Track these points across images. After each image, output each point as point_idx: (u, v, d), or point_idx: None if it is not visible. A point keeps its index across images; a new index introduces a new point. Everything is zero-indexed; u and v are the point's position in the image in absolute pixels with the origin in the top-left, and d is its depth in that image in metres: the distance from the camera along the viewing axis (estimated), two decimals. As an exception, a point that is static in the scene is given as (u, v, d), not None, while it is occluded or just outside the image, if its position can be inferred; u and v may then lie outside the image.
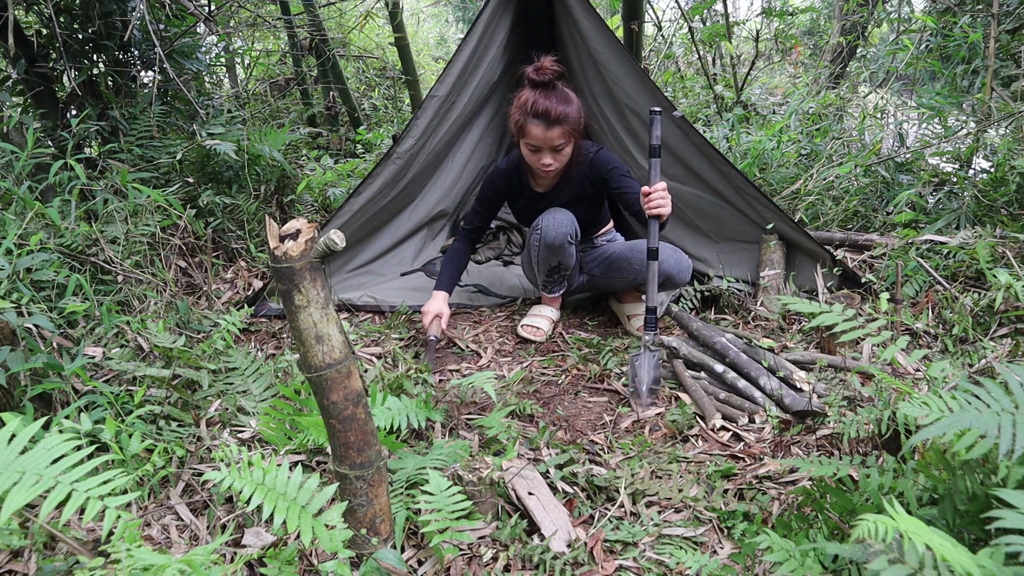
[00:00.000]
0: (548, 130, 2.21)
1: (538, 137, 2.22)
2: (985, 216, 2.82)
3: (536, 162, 2.31)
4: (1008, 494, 0.82)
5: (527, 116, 2.22)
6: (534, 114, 2.20)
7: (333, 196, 3.48)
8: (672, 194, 2.81)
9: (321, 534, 1.16)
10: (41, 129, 2.81)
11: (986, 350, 2.07)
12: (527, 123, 2.22)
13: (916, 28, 4.68)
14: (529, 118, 2.21)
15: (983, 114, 3.27)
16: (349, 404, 1.27)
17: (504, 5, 2.84)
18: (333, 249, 1.21)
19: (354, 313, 2.82)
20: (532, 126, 2.22)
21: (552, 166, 2.30)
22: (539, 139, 2.23)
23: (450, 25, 10.27)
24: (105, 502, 1.07)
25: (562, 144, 2.26)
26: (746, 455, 1.78)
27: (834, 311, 1.35)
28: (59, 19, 2.73)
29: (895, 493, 1.19)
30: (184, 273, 2.72)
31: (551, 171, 2.33)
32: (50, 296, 1.97)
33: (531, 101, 2.20)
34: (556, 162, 2.30)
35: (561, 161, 2.31)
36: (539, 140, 2.23)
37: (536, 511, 1.50)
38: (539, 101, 2.19)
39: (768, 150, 3.62)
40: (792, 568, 1.08)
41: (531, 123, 2.21)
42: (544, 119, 2.19)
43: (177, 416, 1.82)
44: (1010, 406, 0.99)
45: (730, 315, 2.63)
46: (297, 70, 5.33)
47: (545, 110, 2.18)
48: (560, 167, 2.34)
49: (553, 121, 2.19)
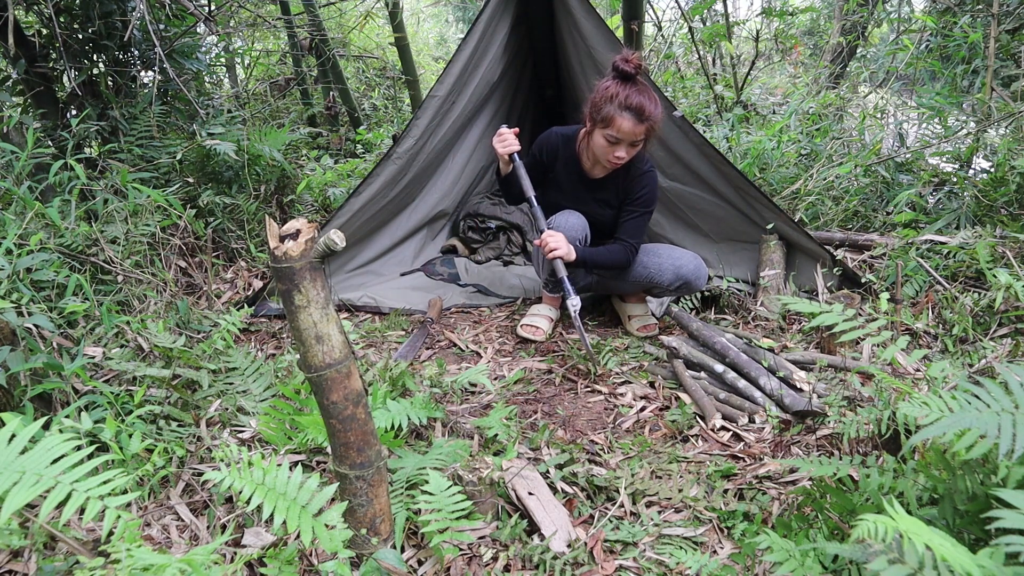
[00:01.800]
0: (638, 125, 2.18)
1: (626, 131, 2.19)
2: (985, 216, 2.82)
3: (610, 153, 2.27)
4: (1008, 494, 0.82)
5: (618, 108, 2.18)
6: (627, 107, 2.17)
7: (333, 196, 3.48)
8: (672, 194, 2.83)
9: (321, 534, 1.16)
10: (41, 129, 2.81)
11: (986, 350, 2.07)
12: (616, 115, 2.18)
13: (916, 28, 4.68)
14: (620, 111, 2.17)
15: (983, 114, 3.27)
16: (349, 404, 1.27)
17: (504, 5, 2.84)
18: (333, 249, 1.21)
19: (354, 313, 2.82)
20: (622, 119, 2.18)
21: (622, 159, 2.28)
22: (626, 132, 2.19)
23: (450, 25, 10.28)
24: (105, 502, 1.07)
25: (641, 141, 2.25)
26: (746, 455, 1.78)
27: (834, 311, 1.35)
28: (59, 19, 2.73)
29: (895, 493, 1.19)
30: (184, 273, 2.72)
31: (620, 164, 2.31)
32: (50, 296, 1.97)
33: (624, 94, 2.17)
34: (628, 156, 2.28)
35: (631, 156, 2.29)
36: (625, 134, 2.20)
37: (536, 511, 1.50)
38: (632, 95, 2.16)
39: (768, 150, 3.62)
40: (792, 568, 1.08)
41: (621, 116, 2.18)
42: (637, 114, 2.17)
43: (177, 416, 1.82)
44: (1010, 406, 0.98)
45: (730, 315, 2.63)
46: (297, 70, 5.33)
47: (639, 105, 2.16)
48: (626, 161, 2.32)
49: (645, 118, 2.18)
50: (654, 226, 2.95)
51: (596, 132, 2.27)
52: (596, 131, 2.26)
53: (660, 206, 2.91)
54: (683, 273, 2.40)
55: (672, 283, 2.45)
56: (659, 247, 2.53)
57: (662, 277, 2.45)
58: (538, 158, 2.49)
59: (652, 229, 2.97)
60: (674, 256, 2.45)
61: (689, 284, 2.44)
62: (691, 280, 2.42)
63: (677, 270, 2.42)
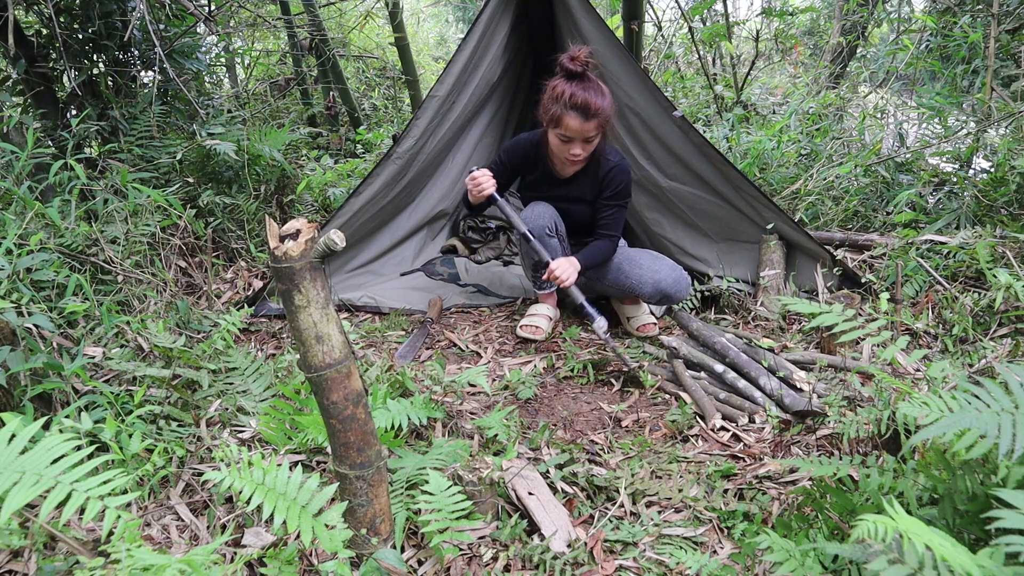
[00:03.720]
0: (585, 122, 2.20)
1: (574, 129, 2.21)
2: (985, 216, 2.82)
3: (565, 152, 2.29)
4: (1008, 494, 0.82)
5: (565, 108, 2.20)
6: (572, 106, 2.18)
7: (333, 196, 3.48)
8: (672, 194, 2.83)
9: (321, 534, 1.16)
10: (41, 129, 2.81)
11: (986, 350, 2.07)
12: (564, 114, 2.20)
13: (916, 28, 4.68)
14: (567, 110, 2.19)
15: (983, 114, 3.27)
16: (349, 404, 1.27)
17: (504, 5, 2.84)
18: (333, 249, 1.21)
19: (354, 313, 2.82)
20: (569, 118, 2.20)
21: (580, 156, 2.30)
22: (575, 130, 2.22)
23: (450, 25, 10.27)
24: (105, 502, 1.07)
25: (594, 136, 2.26)
26: (746, 455, 1.78)
27: (834, 311, 1.35)
28: (59, 19, 2.73)
29: (895, 493, 1.19)
30: (184, 273, 2.72)
31: (578, 161, 2.33)
32: (50, 296, 1.96)
33: (569, 93, 2.18)
34: (585, 152, 2.29)
35: (588, 151, 2.31)
36: (575, 131, 2.22)
37: (536, 511, 1.50)
38: (578, 93, 2.17)
39: (768, 150, 3.62)
40: (792, 568, 1.08)
41: (568, 115, 2.20)
42: (583, 112, 2.18)
43: (177, 416, 1.82)
44: (1010, 406, 0.98)
45: (730, 315, 2.63)
46: (297, 70, 5.33)
47: (584, 102, 2.17)
48: (586, 157, 2.34)
49: (592, 114, 2.19)
50: (654, 226, 2.95)
51: (550, 132, 2.30)
52: (550, 131, 2.29)
53: (660, 206, 2.91)
54: (662, 287, 2.41)
55: (652, 296, 2.46)
56: (642, 256, 2.52)
57: (643, 288, 2.46)
58: (507, 165, 2.51)
59: (652, 229, 2.97)
60: (654, 268, 2.45)
61: (669, 297, 2.44)
62: (670, 293, 2.43)
63: (656, 284, 2.42)
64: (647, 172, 2.79)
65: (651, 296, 2.45)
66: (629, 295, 2.54)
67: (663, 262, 2.49)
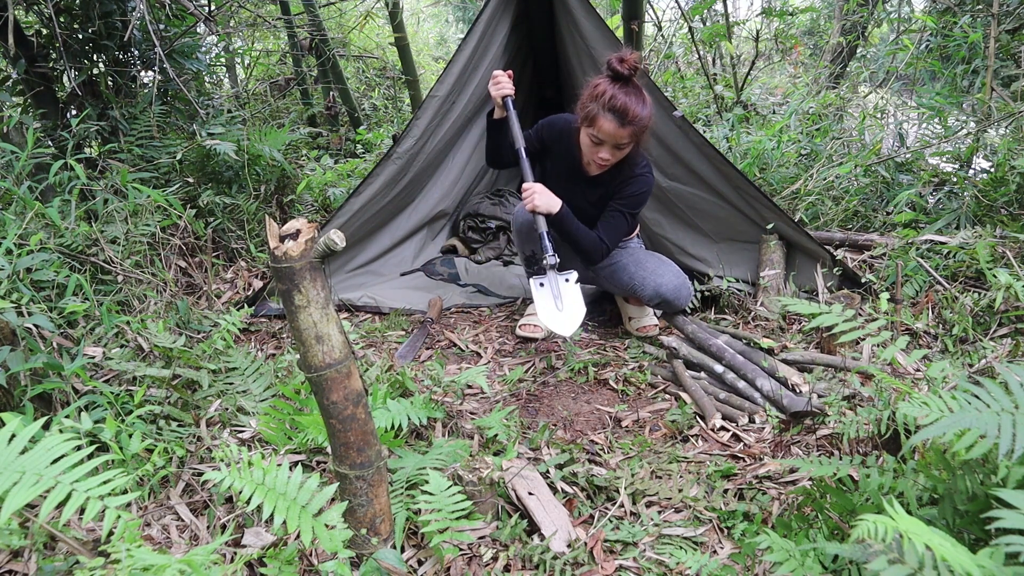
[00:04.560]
0: (620, 128, 2.10)
1: (608, 132, 2.12)
2: (985, 216, 2.81)
3: (594, 154, 2.21)
4: (1008, 494, 0.82)
5: (602, 108, 2.10)
6: (610, 108, 2.08)
7: (333, 196, 3.48)
8: (672, 194, 2.83)
9: (321, 534, 1.16)
10: (41, 129, 2.81)
11: (986, 350, 2.07)
12: (599, 115, 2.11)
13: (916, 28, 4.69)
14: (603, 111, 2.09)
15: (983, 114, 3.27)
16: (349, 404, 1.27)
17: (504, 5, 2.84)
18: (333, 249, 1.21)
19: (354, 313, 2.82)
20: (604, 120, 2.10)
21: (608, 162, 2.21)
22: (608, 134, 2.12)
23: (450, 25, 10.27)
24: (105, 502, 1.07)
25: (627, 144, 2.17)
26: (746, 455, 1.78)
27: (834, 311, 1.35)
28: (59, 19, 2.73)
29: (895, 493, 1.19)
30: (184, 273, 2.72)
31: (605, 166, 2.25)
32: (50, 296, 1.96)
33: (610, 94, 2.08)
34: (613, 159, 2.21)
35: (617, 158, 2.22)
36: (607, 135, 2.13)
37: (536, 511, 1.50)
38: (618, 96, 2.08)
39: (768, 150, 3.62)
40: (792, 568, 1.08)
41: (604, 116, 2.10)
42: (619, 116, 2.09)
43: (177, 416, 1.82)
44: (1010, 406, 0.98)
45: (730, 315, 2.63)
46: (297, 70, 5.33)
47: (623, 107, 2.07)
48: (614, 163, 2.26)
49: (628, 121, 2.09)
50: (654, 226, 2.95)
51: (583, 130, 2.21)
52: (583, 129, 2.21)
53: (660, 206, 2.91)
54: (662, 292, 2.38)
55: (651, 299, 2.43)
56: (649, 259, 2.49)
57: (643, 291, 2.42)
58: (539, 136, 2.42)
59: (652, 229, 2.97)
60: (658, 272, 2.41)
61: (668, 303, 2.41)
62: (670, 299, 2.39)
63: (657, 288, 2.39)
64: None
65: (650, 299, 2.43)
66: (630, 295, 2.53)
67: (668, 267, 2.45)
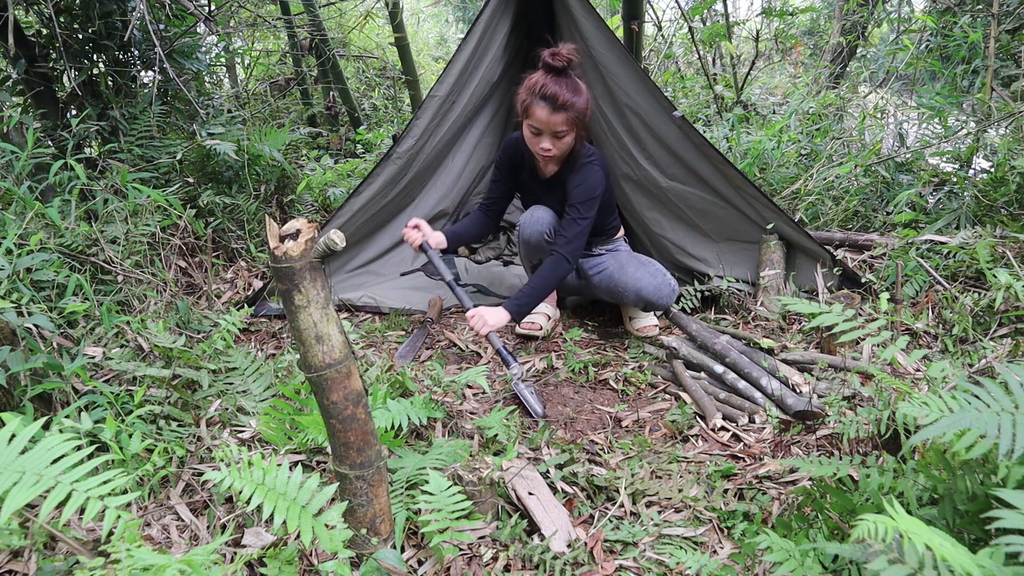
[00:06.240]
0: (552, 114, 2.18)
1: (541, 119, 2.19)
2: (985, 216, 2.81)
3: (535, 145, 2.28)
4: (1008, 494, 0.82)
5: (534, 97, 2.19)
6: (541, 96, 2.17)
7: (333, 196, 3.48)
8: (672, 194, 2.83)
9: (321, 534, 1.16)
10: (41, 129, 2.81)
11: (986, 350, 2.07)
12: (533, 104, 2.19)
13: (916, 28, 4.68)
14: (536, 99, 2.19)
15: (983, 114, 3.27)
16: (349, 404, 1.27)
17: (504, 5, 2.84)
18: (333, 249, 1.21)
19: (354, 313, 2.82)
20: (537, 108, 2.19)
21: (550, 152, 2.27)
22: (542, 122, 2.20)
23: (450, 25, 10.27)
24: (105, 502, 1.07)
25: (564, 132, 2.23)
26: (746, 455, 1.78)
27: (834, 311, 1.35)
28: (59, 19, 2.73)
29: (895, 493, 1.19)
30: (184, 273, 2.72)
31: (548, 156, 2.31)
32: (50, 296, 1.96)
33: (540, 83, 2.18)
34: (555, 148, 2.27)
35: (560, 149, 2.28)
36: (542, 123, 2.20)
37: (536, 511, 1.50)
38: (548, 84, 2.17)
39: (768, 150, 3.62)
40: (792, 568, 1.08)
41: (537, 104, 2.19)
42: (551, 102, 2.17)
43: (177, 416, 1.82)
44: (1010, 406, 0.98)
45: (730, 315, 2.63)
46: (297, 70, 5.33)
47: (553, 94, 2.16)
48: (558, 155, 2.31)
49: (559, 106, 2.17)
50: (654, 226, 2.95)
51: (524, 124, 2.28)
52: (524, 123, 2.28)
53: (660, 206, 2.91)
54: (642, 294, 2.40)
55: (635, 302, 2.45)
56: (630, 261, 2.51)
57: (627, 296, 2.44)
58: (502, 163, 2.52)
59: (652, 229, 2.96)
60: (637, 276, 2.43)
61: (651, 304, 2.43)
62: (652, 300, 2.41)
63: (637, 291, 2.40)
64: (647, 172, 2.79)
65: (635, 303, 2.45)
66: (619, 302, 2.54)
67: (646, 268, 2.46)
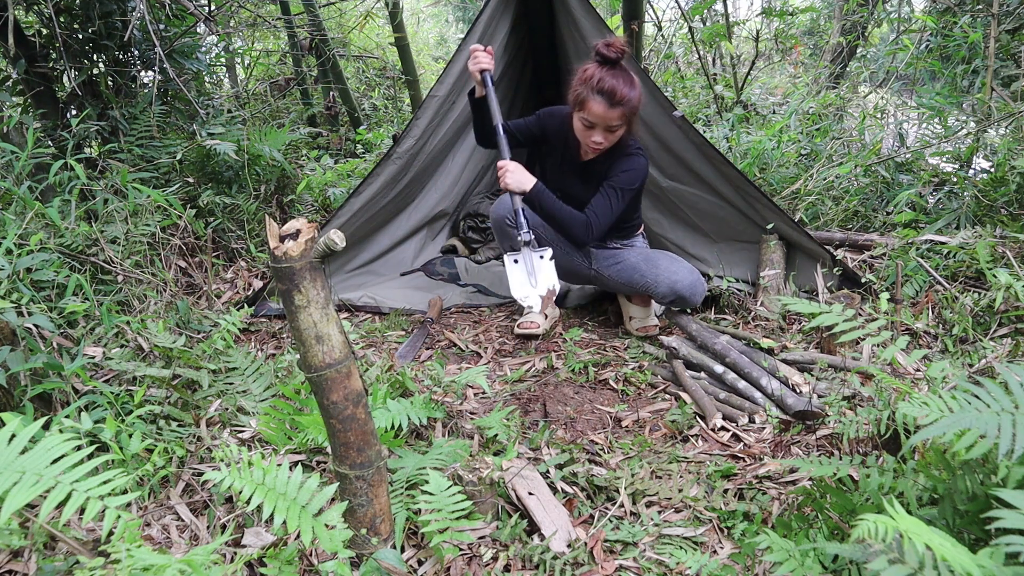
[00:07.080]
0: (609, 109, 2.17)
1: (597, 114, 2.18)
2: (985, 216, 2.81)
3: (587, 137, 2.27)
4: (1008, 494, 0.82)
5: (590, 91, 2.17)
6: (599, 90, 2.15)
7: (333, 196, 3.48)
8: (672, 194, 2.83)
9: (321, 534, 1.16)
10: (41, 129, 2.81)
11: (986, 350, 2.07)
12: (589, 98, 2.18)
13: (916, 28, 4.69)
14: (592, 93, 2.17)
15: (983, 114, 3.27)
16: (349, 404, 1.27)
17: (504, 5, 2.84)
18: (333, 249, 1.21)
19: (354, 313, 2.82)
20: (593, 102, 2.17)
21: (602, 145, 2.27)
22: (598, 116, 2.19)
23: (450, 25, 10.28)
24: (105, 502, 1.07)
25: (618, 126, 2.23)
26: (746, 455, 1.78)
27: (834, 311, 1.35)
28: (59, 19, 2.73)
29: (895, 493, 1.19)
30: (184, 273, 2.72)
31: (599, 149, 2.30)
32: (50, 296, 1.96)
33: (597, 77, 2.16)
34: (607, 142, 2.27)
35: (611, 141, 2.28)
36: (597, 117, 2.19)
37: (536, 511, 1.50)
38: (606, 78, 2.15)
39: (768, 150, 3.62)
40: (792, 568, 1.08)
41: (593, 99, 2.17)
42: (608, 98, 2.15)
43: (177, 416, 1.82)
44: (1010, 406, 0.98)
45: (730, 315, 2.63)
46: (297, 70, 5.33)
47: (611, 88, 2.14)
48: (608, 147, 2.31)
49: (617, 102, 2.16)
50: (654, 226, 2.95)
51: (575, 115, 2.27)
52: (575, 114, 2.27)
53: (660, 206, 2.91)
54: (678, 288, 2.38)
55: (666, 296, 2.42)
56: (661, 257, 2.50)
57: (657, 288, 2.42)
58: (540, 123, 2.48)
59: (652, 229, 2.96)
60: (671, 269, 2.42)
61: (684, 299, 2.41)
62: (686, 296, 2.40)
63: (672, 284, 2.39)
64: (647, 172, 2.79)
65: (665, 296, 2.42)
66: (642, 293, 2.52)
67: (681, 264, 2.46)
